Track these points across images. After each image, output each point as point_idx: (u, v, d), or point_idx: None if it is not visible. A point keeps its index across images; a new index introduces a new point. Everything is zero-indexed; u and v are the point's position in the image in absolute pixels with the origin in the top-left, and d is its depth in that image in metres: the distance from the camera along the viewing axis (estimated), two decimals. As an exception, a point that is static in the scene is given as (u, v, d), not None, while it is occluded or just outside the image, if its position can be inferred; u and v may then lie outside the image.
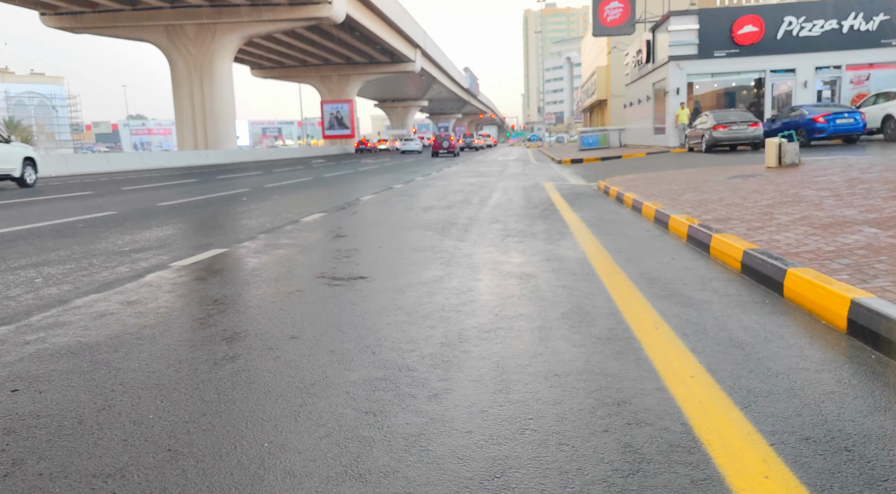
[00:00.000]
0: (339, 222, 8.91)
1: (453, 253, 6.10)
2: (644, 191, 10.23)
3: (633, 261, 5.50)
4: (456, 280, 4.91)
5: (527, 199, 11.54)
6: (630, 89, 37.69)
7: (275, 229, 8.22)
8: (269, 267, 5.65)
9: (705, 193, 8.89)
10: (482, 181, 16.90)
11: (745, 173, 11.12)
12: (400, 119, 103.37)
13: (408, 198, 12.56)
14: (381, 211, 10.36)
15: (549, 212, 9.42)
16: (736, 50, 26.19)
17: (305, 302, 4.30)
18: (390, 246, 6.66)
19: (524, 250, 6.24)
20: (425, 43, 66.92)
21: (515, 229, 7.73)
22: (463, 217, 9.12)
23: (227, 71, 39.51)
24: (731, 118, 21.35)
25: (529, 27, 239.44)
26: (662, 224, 7.48)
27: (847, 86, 26.21)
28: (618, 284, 4.66)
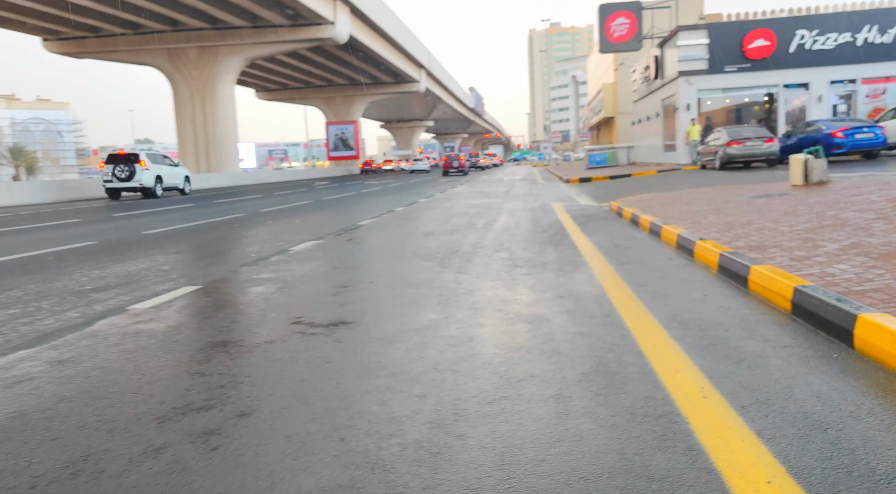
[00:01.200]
0: (331, 251, 8.20)
1: (453, 290, 5.37)
2: (661, 213, 9.49)
3: (660, 299, 4.75)
4: (454, 325, 4.17)
5: (535, 223, 10.82)
6: (638, 106, 37.08)
7: (259, 260, 7.51)
8: (240, 310, 4.92)
9: (731, 215, 8.14)
10: (487, 202, 16.19)
11: (769, 192, 10.37)
12: (405, 139, 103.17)
13: (408, 222, 11.87)
14: (378, 237, 9.66)
15: (559, 237, 8.68)
16: (747, 64, 25.53)
17: (271, 359, 3.57)
18: (383, 280, 5.93)
19: (534, 284, 5.50)
20: (430, 63, 66.73)
21: (523, 258, 7.00)
22: (466, 244, 8.39)
23: (229, 93, 39.15)
24: (746, 134, 20.62)
25: (534, 46, 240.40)
26: (687, 251, 6.73)
27: (863, 100, 25.47)
28: (646, 330, 3.90)
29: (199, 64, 37.81)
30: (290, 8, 34.92)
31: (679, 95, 26.39)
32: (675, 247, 7.24)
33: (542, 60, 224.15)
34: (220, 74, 38.13)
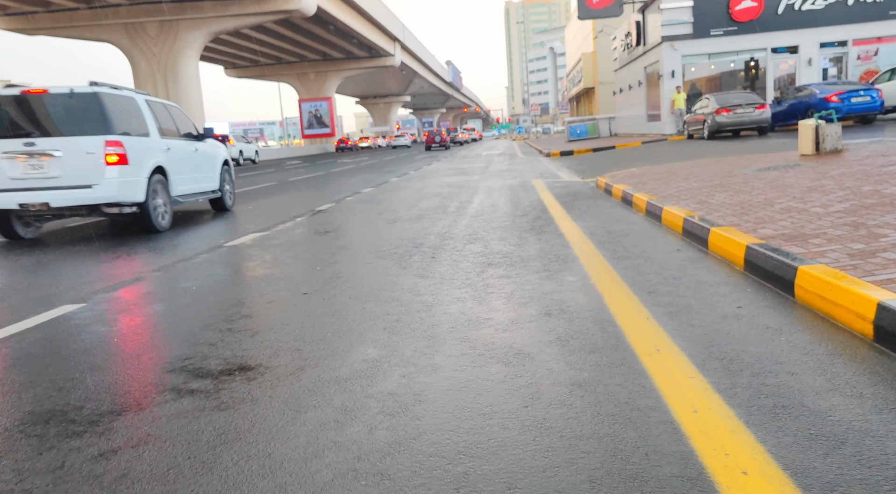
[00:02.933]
0: (272, 248, 6.90)
1: (407, 304, 4.12)
2: (658, 191, 8.28)
3: (681, 316, 3.54)
4: (398, 371, 2.93)
5: (514, 204, 9.57)
6: (619, 75, 35.72)
7: (173, 265, 6.20)
8: (101, 348, 3.63)
9: (742, 193, 6.94)
10: (463, 181, 14.91)
11: (776, 163, 9.18)
12: (382, 115, 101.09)
13: (373, 205, 10.57)
14: (332, 227, 8.36)
15: (542, 223, 7.45)
16: (734, 27, 24.25)
17: (97, 456, 2.31)
18: (322, 289, 4.67)
19: (512, 293, 4.26)
20: (404, 36, 64.75)
21: (499, 253, 5.76)
22: (433, 233, 7.13)
23: (193, 70, 37.22)
24: (736, 101, 19.42)
25: (511, 18, 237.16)
26: (697, 240, 5.52)
27: (854, 62, 24.34)
28: (675, 378, 2.69)
29: (160, 39, 35.81)
30: (252, -23, 33.08)
31: (663, 62, 25.09)
32: (680, 234, 6.03)
33: (519, 32, 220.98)
34: (183, 50, 36.18)
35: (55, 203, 7.75)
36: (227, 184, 11.26)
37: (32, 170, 7.76)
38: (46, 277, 5.80)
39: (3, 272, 6.35)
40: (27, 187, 7.76)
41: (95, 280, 5.57)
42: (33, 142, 7.72)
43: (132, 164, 8.06)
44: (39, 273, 6.07)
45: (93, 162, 7.80)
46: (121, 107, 8.31)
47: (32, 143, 7.71)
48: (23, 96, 7.92)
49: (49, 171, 7.75)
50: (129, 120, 8.36)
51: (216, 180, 10.74)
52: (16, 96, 7.92)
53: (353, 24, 47.85)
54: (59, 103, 7.93)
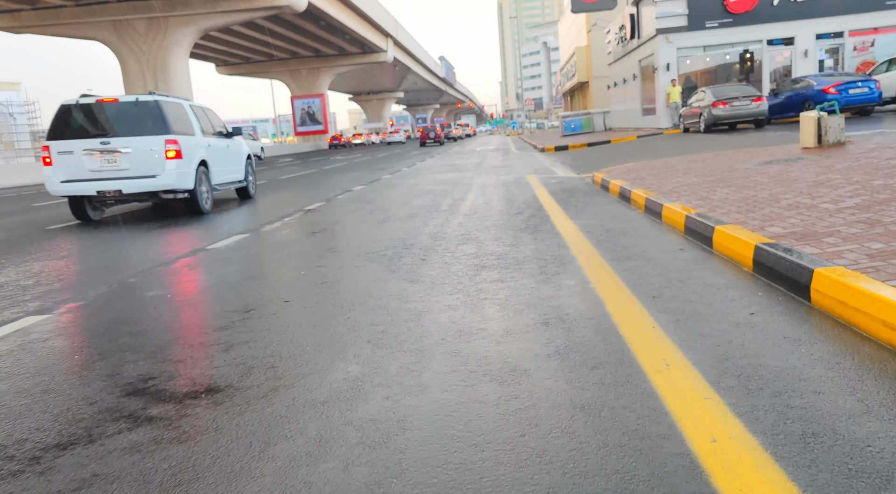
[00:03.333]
0: (257, 249, 6.61)
1: (395, 313, 3.84)
2: (656, 186, 8.02)
3: (689, 324, 3.27)
4: (381, 392, 2.66)
5: (508, 201, 9.30)
6: (613, 69, 35.42)
7: (162, 264, 5.91)
8: (47, 364, 3.34)
9: (745, 188, 6.67)
10: (457, 177, 14.63)
11: (778, 157, 8.92)
12: (376, 112, 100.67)
13: (364, 204, 10.29)
14: (320, 227, 8.07)
15: (537, 221, 7.18)
16: (729, 19, 23.96)
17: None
18: (304, 298, 4.38)
19: (506, 299, 3.99)
20: (397, 32, 64.34)
21: (493, 254, 5.48)
22: (425, 233, 6.86)
23: (183, 67, 36.78)
24: (732, 93, 19.16)
25: (504, 13, 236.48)
26: (700, 238, 5.26)
27: (851, 53, 24.09)
28: (687, 398, 2.42)
29: (148, 36, 35.37)
30: (241, -27, 32.67)
31: (658, 55, 24.80)
32: (682, 233, 5.77)
33: (512, 27, 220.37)
34: (172, 47, 35.75)
35: (126, 190, 9.42)
36: (250, 175, 12.83)
37: (107, 164, 9.39)
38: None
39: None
40: (103, 177, 9.41)
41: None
42: (108, 141, 9.33)
43: (185, 158, 9.66)
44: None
45: (155, 156, 9.45)
46: (174, 112, 9.86)
47: (107, 142, 9.33)
48: (98, 104, 9.45)
49: (120, 165, 9.38)
50: (180, 122, 9.90)
51: (242, 172, 12.40)
52: (92, 104, 9.44)
53: (344, 19, 47.45)
54: (126, 109, 9.48)
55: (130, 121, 9.40)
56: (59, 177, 9.46)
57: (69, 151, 9.32)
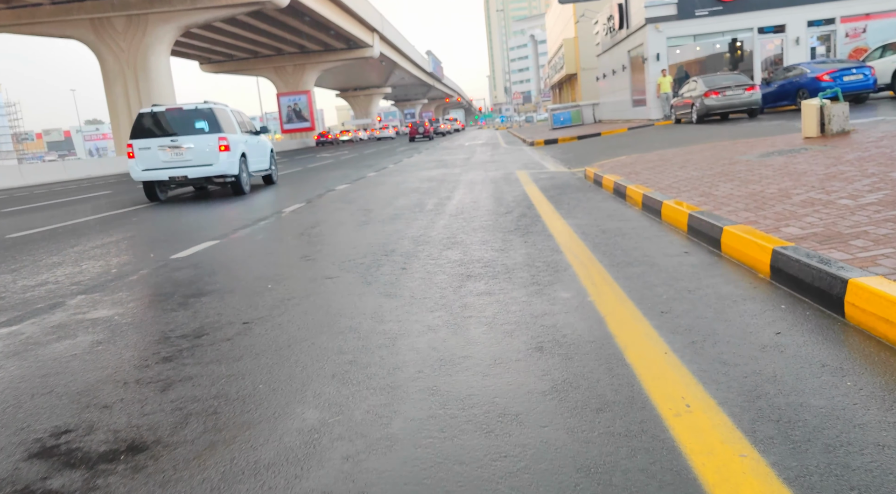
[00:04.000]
0: (224, 257, 6.11)
1: (367, 338, 3.36)
2: (653, 182, 7.56)
3: (707, 349, 2.80)
4: (341, 450, 2.17)
5: (497, 199, 8.82)
6: (602, 60, 34.94)
7: (118, 278, 5.39)
8: None
9: (751, 182, 6.22)
10: (444, 174, 14.14)
11: (779, 148, 8.48)
12: (363, 108, 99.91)
13: (346, 205, 9.79)
14: (296, 230, 7.57)
15: (528, 221, 6.71)
16: (719, 7, 23.51)
17: None
18: (267, 319, 3.89)
19: (494, 318, 3.51)
20: (383, 26, 63.67)
21: (480, 260, 5.00)
22: (407, 237, 6.37)
23: (164, 65, 36.04)
24: (724, 82, 18.72)
25: (491, 6, 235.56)
26: (706, 239, 4.80)
27: (843, 40, 23.70)
28: (720, 457, 1.94)
29: (128, 34, 34.61)
30: (221, -32, 31.96)
31: (647, 45, 24.34)
32: (685, 233, 5.31)
33: (499, 21, 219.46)
34: (153, 45, 35.00)
35: (191, 175, 12.28)
36: (273, 165, 15.58)
37: (176, 156, 12.24)
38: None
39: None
40: (173, 166, 12.27)
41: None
42: (176, 139, 12.21)
43: (231, 151, 12.47)
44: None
45: (211, 150, 12.25)
46: (222, 115, 12.80)
47: (176, 139, 12.20)
48: (167, 111, 12.59)
49: (186, 157, 12.23)
50: (226, 123, 12.81)
51: (268, 162, 15.24)
52: (163, 111, 12.62)
53: (329, 14, 46.79)
54: (189, 114, 12.52)
55: (192, 123, 12.37)
56: (141, 167, 12.33)
57: (147, 147, 12.05)
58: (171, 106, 12.64)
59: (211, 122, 12.37)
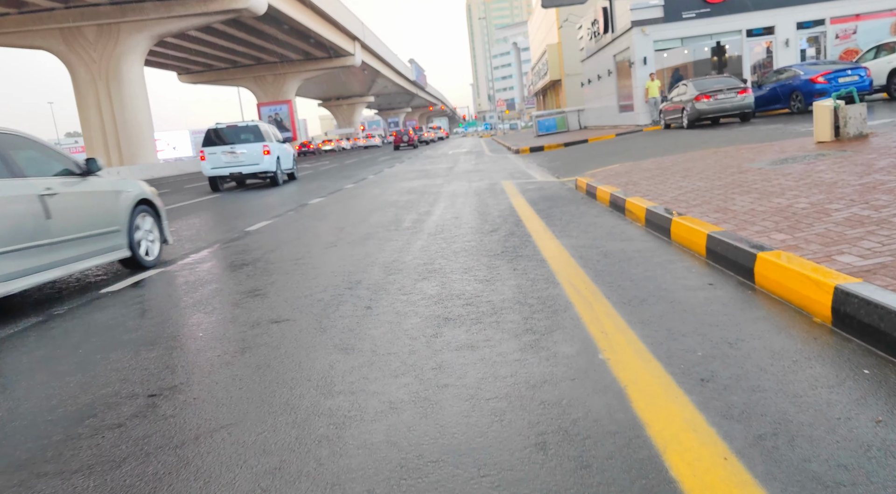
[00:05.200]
0: (137, 305, 5.19)
1: (306, 423, 2.48)
2: (656, 193, 6.73)
3: (784, 447, 1.95)
4: None
5: (481, 214, 7.97)
6: (587, 65, 34.26)
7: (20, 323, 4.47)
8: None
9: (771, 195, 5.39)
10: (425, 185, 13.28)
11: (791, 154, 7.69)
12: (346, 117, 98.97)
13: (315, 222, 8.90)
14: (255, 256, 6.66)
15: (516, 241, 5.86)
16: (707, 9, 22.85)
17: None
18: (180, 390, 2.99)
19: (478, 387, 2.65)
20: (364, 35, 62.87)
21: (461, 295, 4.14)
22: (378, 264, 5.49)
23: (137, 75, 34.94)
24: (716, 86, 18.01)
25: (473, 15, 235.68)
26: (732, 266, 3.97)
27: (833, 41, 23.13)
28: None
29: (99, 44, 33.51)
30: (195, -25, 31.01)
31: (634, 48, 23.63)
32: (703, 257, 4.47)
33: (481, 29, 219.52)
34: (125, 55, 33.92)
35: (244, 172, 17.23)
36: (294, 165, 20.17)
37: (233, 158, 17.21)
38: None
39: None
40: (231, 166, 17.25)
41: None
42: (233, 146, 17.24)
43: (271, 155, 17.32)
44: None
45: (258, 154, 17.30)
46: (264, 129, 17.66)
47: (233, 146, 17.20)
48: (227, 126, 17.65)
49: (240, 159, 17.18)
50: (266, 135, 17.51)
51: (292, 162, 19.86)
52: (224, 127, 17.72)
53: (308, 23, 45.91)
54: (241, 129, 17.59)
55: (244, 135, 17.41)
56: (210, 166, 17.41)
57: (213, 153, 16.57)
58: (229, 123, 17.70)
59: (256, 134, 17.43)
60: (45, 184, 5.11)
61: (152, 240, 6.62)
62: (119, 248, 6.00)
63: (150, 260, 6.49)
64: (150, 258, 6.51)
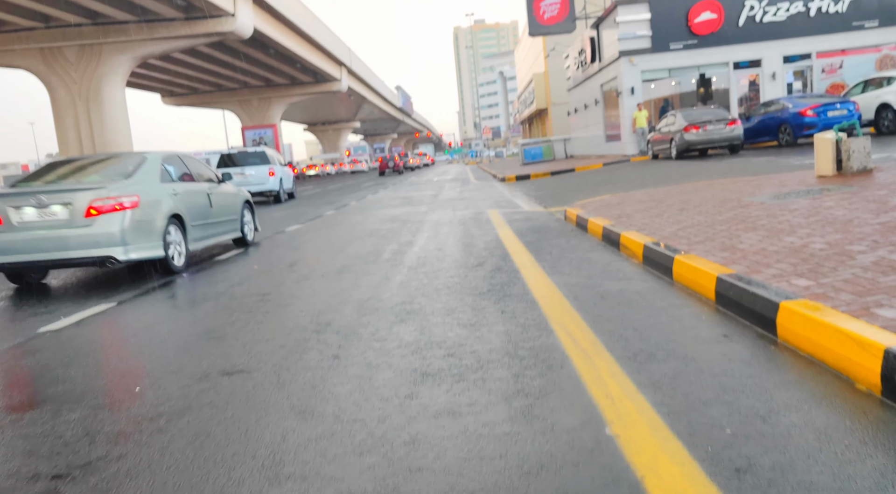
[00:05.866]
0: (76, 354, 4.64)
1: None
2: (652, 227, 6.29)
3: None
4: None
5: (466, 246, 7.50)
6: (574, 94, 34.19)
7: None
8: None
9: (780, 233, 4.96)
10: (408, 213, 12.82)
11: (792, 188, 7.31)
12: (332, 142, 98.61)
13: (290, 251, 8.40)
14: (212, 292, 6.13)
15: (504, 278, 5.39)
16: (694, 41, 22.79)
17: None
18: (95, 469, 2.45)
19: (459, 472, 2.14)
20: (351, 61, 62.80)
21: (442, 344, 3.64)
22: (351, 302, 4.98)
23: (119, 97, 34.30)
24: (705, 117, 17.79)
25: (460, 43, 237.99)
26: (749, 315, 3.51)
27: (819, 76, 23.12)
28: None
29: (80, 65, 32.90)
30: (180, -2, 30.62)
31: (621, 78, 23.47)
32: (712, 302, 4.01)
33: (468, 57, 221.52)
34: (107, 76, 33.31)
35: (253, 190, 16.60)
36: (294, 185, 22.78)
37: (243, 178, 18.82)
38: None
39: None
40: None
41: None
42: (243, 168, 19.62)
43: (275, 176, 20.03)
44: None
45: (264, 175, 20.13)
46: (269, 154, 20.47)
47: (243, 168, 19.44)
48: (237, 151, 20.59)
49: (248, 180, 19.07)
50: (271, 159, 20.23)
51: (292, 183, 22.53)
52: (236, 152, 20.79)
53: (295, 48, 45.66)
54: (250, 154, 20.43)
55: (252, 159, 19.83)
56: None
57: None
58: (240, 149, 18.88)
59: (262, 158, 20.27)
60: (206, 186, 8.24)
61: (249, 228, 9.62)
62: (235, 230, 9.01)
63: (250, 239, 9.55)
64: (249, 239, 9.55)
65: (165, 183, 7.26)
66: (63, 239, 6.13)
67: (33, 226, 6.19)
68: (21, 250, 6.10)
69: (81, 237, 6.13)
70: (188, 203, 7.46)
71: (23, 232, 6.15)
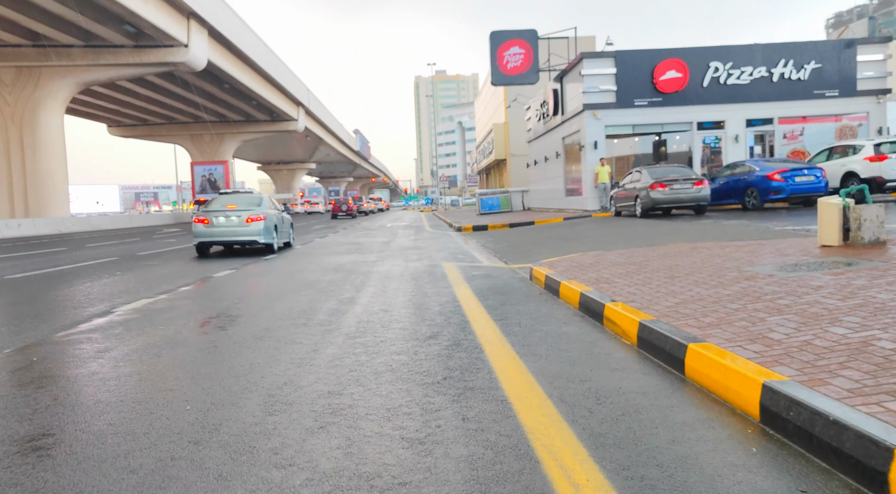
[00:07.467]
0: None
1: None
2: (640, 297, 5.20)
3: None
4: None
5: (418, 308, 6.30)
6: (534, 146, 33.69)
7: None
8: None
9: (823, 321, 3.89)
10: (355, 261, 11.55)
11: (797, 258, 6.34)
12: (286, 182, 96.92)
13: (206, 307, 7.03)
14: (74, 375, 4.76)
15: (463, 357, 4.20)
16: (659, 99, 22.41)
17: None
18: None
19: None
20: (309, 101, 61.88)
21: (374, 480, 2.38)
22: (262, 387, 3.70)
23: (56, 124, 32.41)
24: (672, 175, 17.12)
25: (421, 92, 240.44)
26: (828, 453, 2.35)
27: (780, 141, 22.94)
28: None
29: (16, 87, 31.05)
30: (129, 24, 29.20)
31: (585, 131, 22.89)
32: (754, 419, 2.87)
33: (428, 106, 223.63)
34: (44, 100, 31.50)
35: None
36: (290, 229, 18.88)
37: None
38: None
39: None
40: None
41: None
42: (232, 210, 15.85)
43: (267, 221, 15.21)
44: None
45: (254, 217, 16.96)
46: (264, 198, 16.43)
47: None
48: (230, 193, 16.38)
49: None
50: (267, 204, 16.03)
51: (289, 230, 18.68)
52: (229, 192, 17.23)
53: (251, 84, 44.51)
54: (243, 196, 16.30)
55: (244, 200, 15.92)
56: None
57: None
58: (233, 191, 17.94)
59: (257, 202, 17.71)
60: (278, 213, 15.82)
61: (290, 239, 16.85)
62: (287, 239, 16.44)
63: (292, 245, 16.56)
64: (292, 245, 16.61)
65: (270, 209, 14.93)
66: (235, 232, 14.05)
67: (222, 225, 14.03)
68: (217, 236, 13.99)
69: (244, 231, 14.02)
70: (276, 219, 15.18)
71: (217, 228, 13.99)
